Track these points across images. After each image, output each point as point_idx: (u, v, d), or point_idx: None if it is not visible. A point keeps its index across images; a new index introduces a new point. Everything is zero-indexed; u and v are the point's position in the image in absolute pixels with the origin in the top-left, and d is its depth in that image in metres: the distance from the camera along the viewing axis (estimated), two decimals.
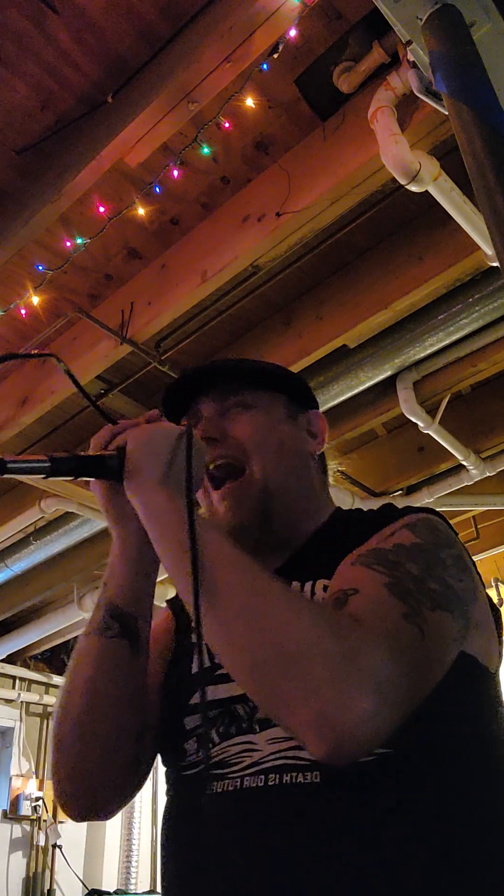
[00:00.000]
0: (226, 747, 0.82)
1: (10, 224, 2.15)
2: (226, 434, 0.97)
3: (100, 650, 0.86)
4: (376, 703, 0.63)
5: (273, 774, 0.76)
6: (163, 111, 1.85)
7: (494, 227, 1.09)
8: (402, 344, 2.71)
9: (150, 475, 0.80)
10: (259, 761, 0.78)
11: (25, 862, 4.75)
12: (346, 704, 0.63)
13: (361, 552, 0.81)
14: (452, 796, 0.74)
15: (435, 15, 1.31)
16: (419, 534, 0.83)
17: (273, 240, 2.24)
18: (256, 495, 0.94)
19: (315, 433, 1.06)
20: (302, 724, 0.64)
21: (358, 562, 0.79)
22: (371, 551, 0.80)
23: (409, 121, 1.93)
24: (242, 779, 0.78)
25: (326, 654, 0.65)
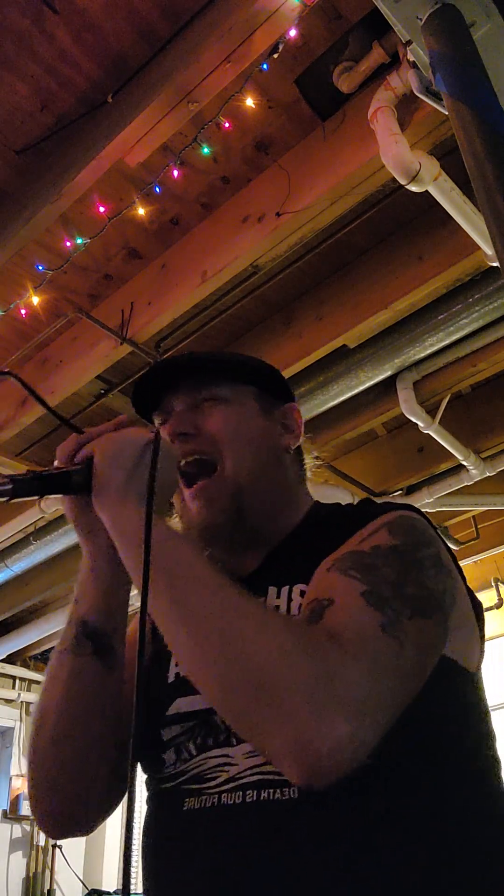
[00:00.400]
0: (202, 760, 0.80)
1: (10, 224, 2.15)
2: (198, 428, 0.94)
3: (73, 669, 0.84)
4: (354, 727, 0.61)
5: (251, 791, 0.74)
6: (163, 111, 1.85)
7: (494, 227, 1.09)
8: (402, 344, 2.71)
9: (117, 489, 0.77)
10: (236, 776, 0.76)
11: (25, 862, 4.75)
12: (323, 730, 0.61)
13: (338, 556, 0.79)
14: (439, 800, 0.73)
15: (435, 15, 1.31)
16: (396, 534, 0.81)
17: (273, 240, 2.24)
18: (228, 493, 0.92)
19: (290, 427, 1.03)
20: (278, 750, 0.63)
21: (334, 567, 0.77)
22: (348, 555, 0.78)
23: (409, 121, 1.93)
24: (220, 795, 0.76)
25: (302, 678, 0.63)
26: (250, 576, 0.93)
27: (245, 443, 0.95)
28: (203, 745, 0.81)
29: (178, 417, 0.96)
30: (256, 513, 0.93)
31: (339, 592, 0.73)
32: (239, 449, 0.94)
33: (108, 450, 0.80)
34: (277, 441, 1.00)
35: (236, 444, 0.94)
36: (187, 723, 0.83)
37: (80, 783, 0.85)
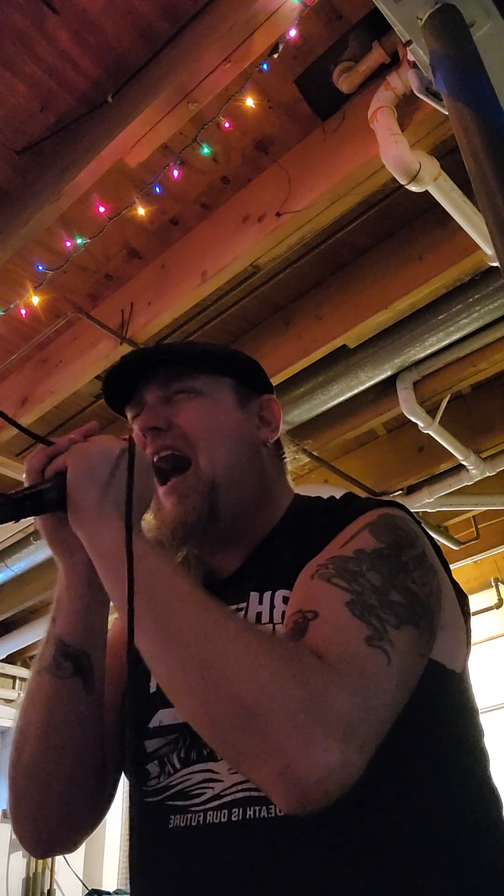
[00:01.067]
0: (186, 775, 0.78)
1: (10, 224, 2.15)
2: (170, 423, 0.90)
3: (52, 691, 0.81)
4: (344, 752, 0.59)
5: (236, 809, 0.72)
6: (163, 111, 1.85)
7: (494, 227, 1.09)
8: (402, 344, 2.71)
9: (93, 505, 0.73)
10: (221, 794, 0.74)
11: (25, 862, 4.75)
12: (312, 759, 0.58)
13: (321, 562, 0.76)
14: (429, 811, 0.72)
15: (435, 15, 1.31)
16: (380, 536, 0.78)
17: (273, 240, 2.24)
18: (202, 490, 0.88)
19: (268, 419, 0.99)
20: (265, 779, 0.61)
21: (317, 574, 0.74)
22: (331, 560, 0.75)
23: (409, 121, 1.93)
24: (205, 813, 0.75)
25: (287, 704, 0.60)
26: (231, 577, 0.90)
27: (220, 437, 0.91)
28: (187, 759, 0.79)
29: (149, 411, 0.92)
30: (232, 510, 0.90)
31: (322, 603, 0.70)
32: (213, 444, 0.90)
33: (80, 463, 0.75)
34: (254, 434, 0.96)
35: (210, 439, 0.90)
36: (170, 735, 0.81)
37: (64, 807, 0.83)
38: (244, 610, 0.83)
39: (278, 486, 0.98)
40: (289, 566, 0.82)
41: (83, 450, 0.77)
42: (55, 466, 0.76)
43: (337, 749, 0.59)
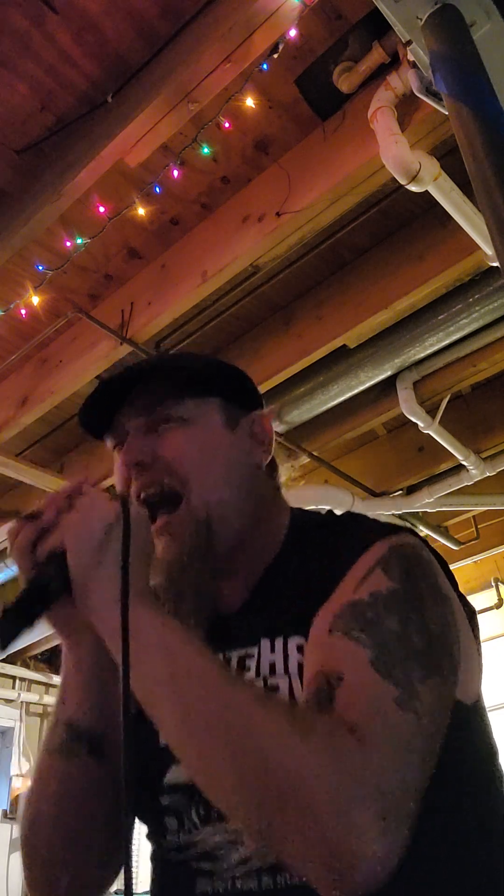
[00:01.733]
0: (208, 834, 0.75)
1: (10, 224, 2.15)
2: (155, 455, 0.83)
3: (64, 773, 0.78)
4: (389, 835, 0.56)
5: (266, 877, 0.69)
6: (163, 111, 1.85)
7: (494, 227, 1.09)
8: (402, 344, 2.71)
9: (101, 586, 0.67)
10: (246, 858, 0.71)
11: None
12: (358, 849, 0.54)
13: (336, 611, 0.71)
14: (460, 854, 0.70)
15: (435, 15, 1.31)
16: (393, 574, 0.73)
17: (273, 240, 2.24)
18: (196, 529, 0.81)
19: (260, 438, 0.91)
20: (310, 872, 0.57)
21: (336, 628, 0.69)
22: (347, 609, 0.70)
23: (409, 121, 1.93)
24: (233, 879, 0.71)
25: (326, 788, 0.56)
26: (237, 614, 0.85)
27: (210, 467, 0.84)
28: (207, 816, 0.75)
29: (132, 445, 0.84)
30: (228, 542, 0.83)
31: (346, 664, 0.65)
32: (203, 476, 0.83)
33: (78, 541, 0.68)
34: (247, 458, 0.88)
35: (200, 471, 0.83)
36: (186, 791, 0.77)
37: (80, 878, 0.81)
38: (256, 657, 0.79)
39: (275, 507, 0.92)
40: (298, 606, 0.77)
41: (77, 524, 0.70)
42: (49, 547, 0.69)
43: (381, 832, 0.56)
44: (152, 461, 0.83)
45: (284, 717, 0.62)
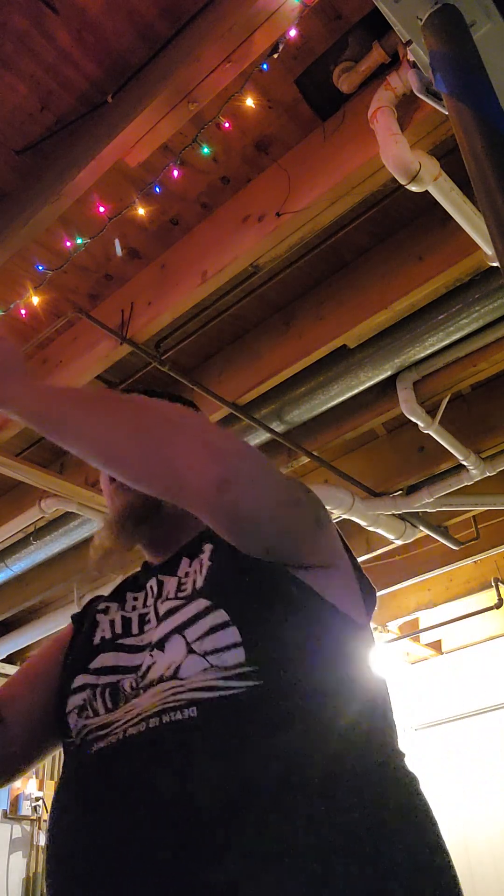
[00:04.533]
0: (109, 715, 0.86)
1: (10, 224, 2.15)
2: None
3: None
4: (249, 467, 0.85)
5: (154, 719, 0.79)
6: (163, 111, 1.85)
7: (494, 227, 1.09)
8: (402, 344, 2.71)
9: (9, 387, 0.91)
10: (140, 713, 0.82)
11: (25, 862, 4.75)
12: (225, 448, 0.86)
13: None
14: (317, 710, 0.80)
15: (435, 15, 1.31)
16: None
17: (273, 240, 2.24)
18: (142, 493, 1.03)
19: None
20: (190, 460, 0.83)
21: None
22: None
23: (409, 121, 1.93)
24: (125, 730, 0.81)
25: (203, 431, 0.89)
26: (168, 559, 1.02)
27: None
28: (114, 706, 0.87)
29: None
30: (166, 518, 1.04)
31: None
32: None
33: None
34: None
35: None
36: (104, 677, 0.90)
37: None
38: (175, 569, 0.97)
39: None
40: (215, 536, 0.95)
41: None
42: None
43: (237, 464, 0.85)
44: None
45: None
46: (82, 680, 0.92)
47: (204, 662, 0.81)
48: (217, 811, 0.71)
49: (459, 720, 5.35)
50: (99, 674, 0.91)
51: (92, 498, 3.20)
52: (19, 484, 3.42)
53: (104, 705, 0.88)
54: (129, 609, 1.00)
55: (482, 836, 4.83)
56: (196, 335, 2.79)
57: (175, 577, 0.96)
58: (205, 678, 0.80)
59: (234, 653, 0.81)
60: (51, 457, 3.43)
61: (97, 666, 0.93)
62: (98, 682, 0.90)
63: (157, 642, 0.88)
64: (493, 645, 5.37)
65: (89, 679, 0.92)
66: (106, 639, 0.96)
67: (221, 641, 0.82)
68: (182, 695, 0.79)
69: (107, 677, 0.90)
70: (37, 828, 4.82)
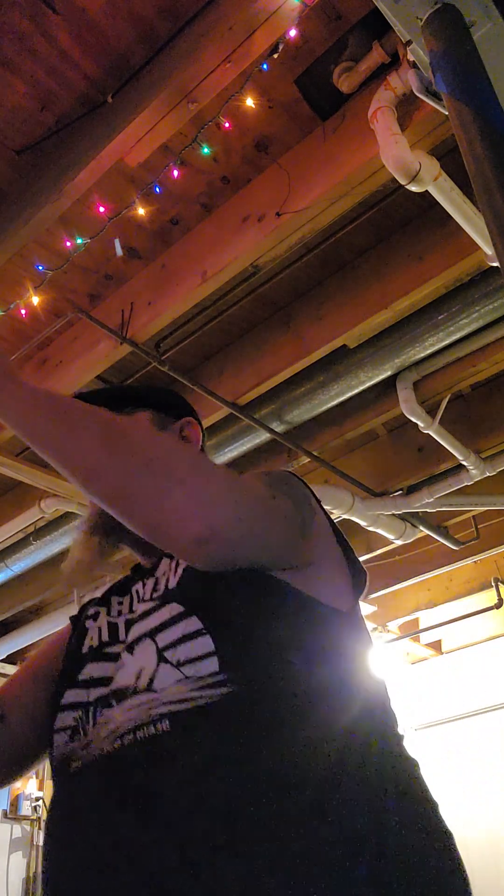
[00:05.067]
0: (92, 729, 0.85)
1: (10, 224, 2.15)
2: None
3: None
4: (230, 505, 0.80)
5: (128, 735, 0.79)
6: (163, 111, 1.85)
7: (494, 227, 1.09)
8: (402, 344, 2.71)
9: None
10: (114, 730, 0.81)
11: (25, 862, 4.75)
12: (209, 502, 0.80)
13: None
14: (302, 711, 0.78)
15: (435, 15, 1.31)
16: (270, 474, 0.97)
17: (273, 240, 2.24)
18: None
19: (188, 438, 1.15)
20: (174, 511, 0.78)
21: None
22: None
23: (409, 121, 1.93)
24: (102, 748, 0.81)
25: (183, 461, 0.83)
26: (156, 562, 1.01)
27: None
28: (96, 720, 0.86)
29: None
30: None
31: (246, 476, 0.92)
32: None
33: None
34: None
35: None
36: (93, 690, 0.89)
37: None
38: (154, 574, 0.96)
39: None
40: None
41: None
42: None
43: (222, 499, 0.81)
44: None
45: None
46: (73, 697, 0.91)
47: (178, 673, 0.80)
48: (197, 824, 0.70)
49: (459, 720, 5.35)
50: (88, 686, 0.90)
51: None
52: (19, 484, 3.42)
53: (93, 721, 0.87)
54: (114, 614, 0.98)
55: (482, 836, 4.83)
56: (196, 335, 2.79)
57: (153, 578, 0.96)
58: (178, 690, 0.78)
59: (207, 662, 0.79)
60: None
61: (85, 677, 0.91)
62: (89, 699, 0.88)
63: (127, 645, 0.88)
64: (493, 645, 5.37)
65: (80, 695, 0.90)
66: (93, 647, 0.95)
67: (194, 651, 0.80)
68: (156, 709, 0.78)
69: (96, 690, 0.89)
70: (37, 828, 4.82)
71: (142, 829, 0.72)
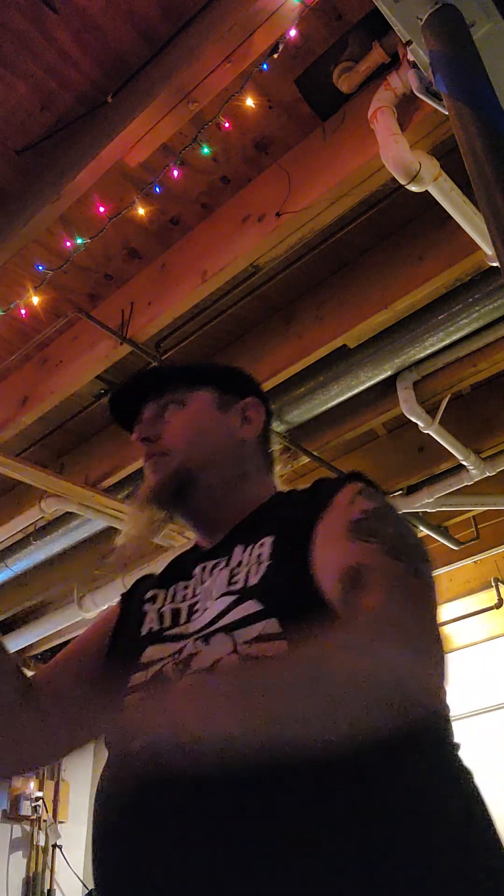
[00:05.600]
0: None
1: (10, 224, 2.15)
2: (159, 433, 1.05)
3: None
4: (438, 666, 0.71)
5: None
6: (163, 111, 1.85)
7: (494, 227, 1.09)
8: (402, 344, 2.71)
9: None
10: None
11: (25, 862, 4.75)
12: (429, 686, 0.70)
13: (342, 530, 0.85)
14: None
15: (435, 15, 1.31)
16: (372, 499, 0.90)
17: (273, 240, 2.24)
18: (174, 467, 1.02)
19: (250, 419, 1.10)
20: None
21: (348, 538, 0.83)
22: (351, 525, 0.85)
23: (409, 121, 1.93)
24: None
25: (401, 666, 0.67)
26: (215, 546, 0.99)
27: (195, 436, 1.05)
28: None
29: (143, 424, 1.07)
30: (204, 491, 1.02)
31: (366, 557, 0.80)
32: (184, 442, 1.04)
33: None
34: (232, 432, 1.07)
35: (184, 439, 1.04)
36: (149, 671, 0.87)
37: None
38: (228, 558, 0.93)
39: (259, 479, 1.08)
40: (272, 525, 0.92)
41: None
42: None
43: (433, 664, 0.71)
44: (156, 438, 1.05)
45: (339, 648, 0.70)
46: (138, 679, 0.89)
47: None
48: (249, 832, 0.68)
49: (459, 720, 5.35)
50: (147, 668, 0.88)
51: (92, 498, 3.20)
52: (19, 484, 3.41)
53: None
54: (178, 599, 0.96)
55: None
56: (196, 335, 2.78)
57: (227, 569, 0.92)
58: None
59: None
60: (51, 457, 3.43)
61: (146, 660, 0.90)
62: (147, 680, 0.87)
63: (203, 635, 0.85)
64: (493, 645, 5.36)
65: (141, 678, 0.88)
66: (153, 630, 0.93)
67: (268, 653, 0.78)
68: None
69: (154, 667, 0.87)
70: (36, 828, 4.82)
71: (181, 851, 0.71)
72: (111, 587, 3.91)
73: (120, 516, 3.31)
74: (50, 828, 4.82)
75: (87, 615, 4.06)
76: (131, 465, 3.14)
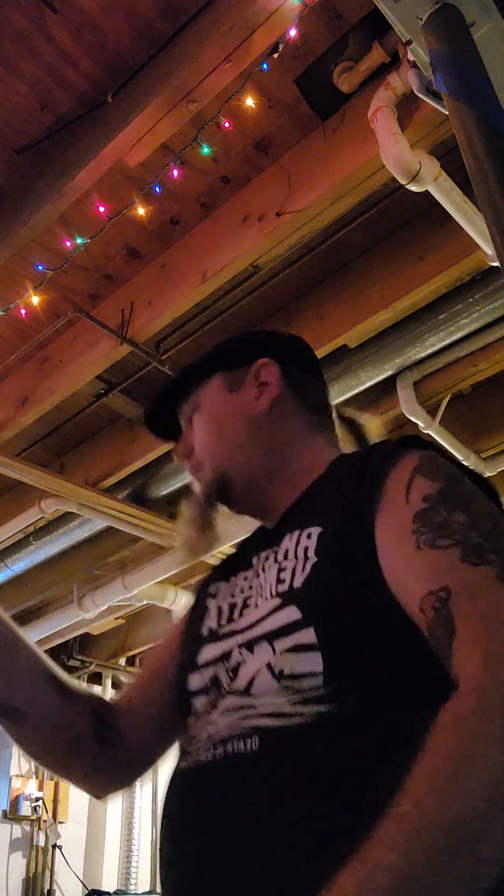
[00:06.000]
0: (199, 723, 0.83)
1: (10, 224, 2.15)
2: (190, 447, 1.03)
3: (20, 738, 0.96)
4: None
5: (220, 748, 0.76)
6: (163, 111, 1.85)
7: (494, 227, 1.09)
8: (403, 344, 2.71)
9: None
10: (213, 734, 0.78)
11: (25, 862, 4.75)
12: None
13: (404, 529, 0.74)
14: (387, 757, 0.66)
15: (435, 15, 1.31)
16: (434, 476, 0.78)
17: (273, 240, 2.24)
18: (209, 478, 0.99)
19: (265, 380, 1.00)
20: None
21: (417, 545, 0.72)
22: (413, 523, 0.74)
23: (409, 121, 1.93)
24: (198, 753, 0.79)
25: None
26: (274, 528, 0.94)
27: (212, 436, 1.01)
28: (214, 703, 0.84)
29: (177, 445, 1.06)
30: (241, 484, 0.98)
31: (444, 574, 0.69)
32: (210, 446, 1.00)
33: None
34: (248, 410, 0.99)
35: (208, 443, 1.01)
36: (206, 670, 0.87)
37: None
38: (276, 550, 0.87)
39: (306, 443, 0.99)
40: (321, 507, 0.86)
41: None
42: None
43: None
44: (189, 454, 1.03)
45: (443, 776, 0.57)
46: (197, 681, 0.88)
47: (277, 684, 0.75)
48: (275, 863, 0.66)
49: None
50: (203, 671, 0.87)
51: (92, 498, 3.20)
52: (19, 484, 3.42)
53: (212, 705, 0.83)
54: (237, 592, 0.91)
55: None
56: (196, 335, 2.78)
57: (276, 564, 0.85)
58: (274, 702, 0.74)
59: (311, 679, 0.73)
60: (51, 457, 3.44)
61: (203, 662, 0.88)
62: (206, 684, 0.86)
63: (246, 642, 0.82)
64: None
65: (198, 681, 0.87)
66: (212, 629, 0.91)
67: (302, 666, 0.74)
68: (251, 720, 0.75)
69: (209, 670, 0.86)
70: (36, 828, 4.82)
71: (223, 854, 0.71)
72: (111, 587, 3.92)
73: (120, 516, 3.32)
74: (50, 828, 4.82)
75: (87, 615, 4.06)
76: (131, 465, 3.15)
